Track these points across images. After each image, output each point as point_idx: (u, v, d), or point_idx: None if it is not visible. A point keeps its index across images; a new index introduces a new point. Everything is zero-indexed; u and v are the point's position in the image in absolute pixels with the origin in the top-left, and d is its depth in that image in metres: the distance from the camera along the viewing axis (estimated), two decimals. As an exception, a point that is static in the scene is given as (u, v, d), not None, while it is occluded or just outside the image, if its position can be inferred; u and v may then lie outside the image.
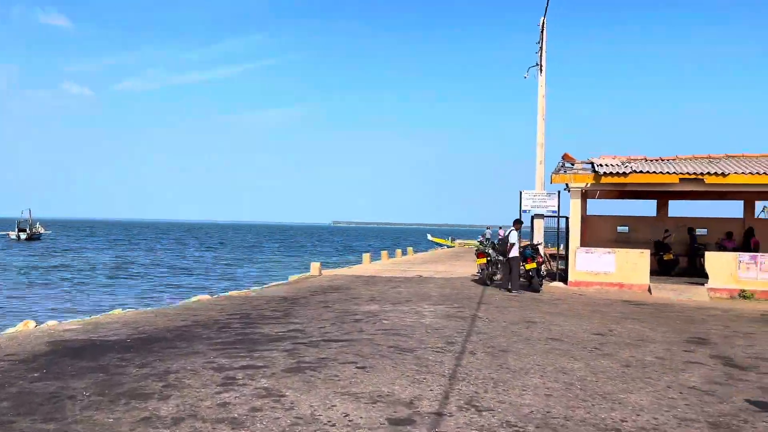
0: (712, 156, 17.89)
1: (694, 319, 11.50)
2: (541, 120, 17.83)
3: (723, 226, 20.20)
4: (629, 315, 11.73)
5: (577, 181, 16.80)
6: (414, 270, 20.93)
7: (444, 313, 11.08)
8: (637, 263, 16.34)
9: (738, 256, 15.59)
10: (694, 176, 15.60)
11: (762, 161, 16.78)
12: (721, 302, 14.60)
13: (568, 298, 14.22)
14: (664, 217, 21.06)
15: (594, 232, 21.29)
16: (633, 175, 16.01)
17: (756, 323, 11.30)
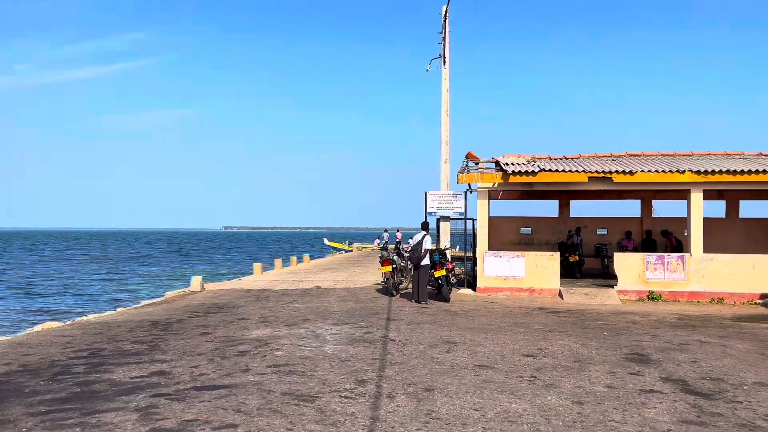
0: (615, 154, 17.58)
1: (618, 328, 10.60)
2: (445, 116, 16.69)
3: (622, 226, 20.13)
4: (552, 327, 10.62)
5: (485, 180, 15.75)
6: (311, 280, 19.04)
7: (349, 336, 9.34)
8: (547, 267, 15.54)
9: (645, 256, 15.21)
10: (603, 175, 15.02)
11: (664, 160, 16.61)
12: (633, 305, 14.05)
13: (481, 308, 13.01)
14: (566, 218, 20.71)
15: (498, 234, 20.51)
16: (542, 174, 15.18)
17: (679, 329, 10.58)
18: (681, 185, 14.98)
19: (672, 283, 14.94)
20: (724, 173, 14.46)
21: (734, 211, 19.56)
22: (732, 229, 18.79)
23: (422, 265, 13.44)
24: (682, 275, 14.90)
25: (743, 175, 14.35)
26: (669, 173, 14.74)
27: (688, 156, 17.08)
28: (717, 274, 14.70)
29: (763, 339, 9.72)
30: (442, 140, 16.79)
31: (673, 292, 14.88)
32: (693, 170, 14.63)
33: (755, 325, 11.23)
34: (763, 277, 14.49)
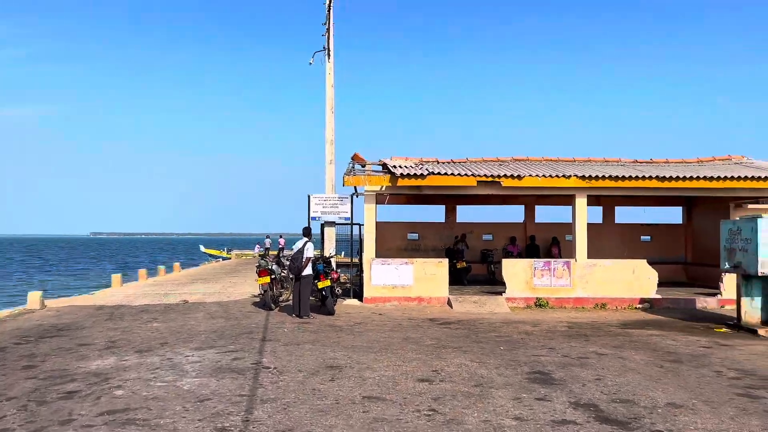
0: (501, 159, 17.34)
1: (513, 341, 9.94)
2: (330, 113, 15.52)
3: (507, 231, 20.04)
4: (445, 342, 9.74)
5: (372, 183, 14.74)
6: (179, 293, 17.00)
7: (214, 365, 7.82)
8: (436, 274, 14.81)
9: (533, 262, 14.94)
10: (492, 179, 14.57)
11: (549, 165, 16.55)
12: (522, 313, 13.64)
13: (368, 321, 11.92)
14: (452, 223, 20.28)
15: (385, 240, 19.64)
16: (431, 177, 14.44)
17: (573, 340, 10.12)
18: (566, 190, 14.89)
19: (558, 289, 14.78)
20: (607, 179, 14.52)
21: (610, 217, 20.15)
22: (608, 235, 19.30)
23: (304, 275, 12.11)
24: (568, 281, 14.79)
25: (625, 180, 14.49)
26: (556, 178, 14.58)
27: (570, 162, 17.18)
28: (600, 280, 14.73)
29: (655, 348, 9.45)
30: (326, 140, 15.60)
31: (559, 298, 14.71)
32: (578, 175, 14.57)
33: (642, 333, 11.08)
34: (642, 282, 14.71)
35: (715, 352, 9.16)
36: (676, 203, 19.95)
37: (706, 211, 19.06)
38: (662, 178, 14.41)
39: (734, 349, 9.53)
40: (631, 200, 19.92)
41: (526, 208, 20.28)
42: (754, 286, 11.74)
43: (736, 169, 15.35)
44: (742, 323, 11.70)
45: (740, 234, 11.71)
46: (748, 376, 7.51)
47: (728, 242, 12.12)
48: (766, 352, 9.26)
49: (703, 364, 8.27)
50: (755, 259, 11.17)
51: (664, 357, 8.74)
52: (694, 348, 9.52)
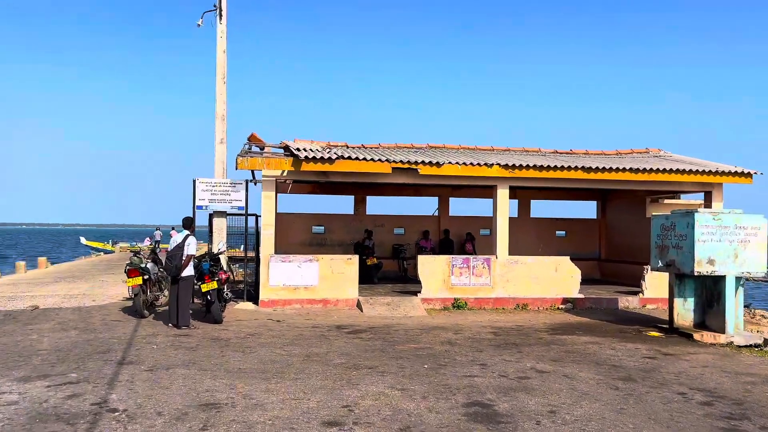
0: (416, 146, 15.82)
1: (437, 354, 8.35)
2: (221, 83, 13.23)
3: (420, 225, 18.60)
4: (357, 359, 7.96)
5: (272, 167, 12.68)
6: (33, 295, 14.03)
7: (34, 408, 5.56)
8: (344, 273, 13.01)
9: (451, 260, 13.51)
10: (408, 165, 12.96)
11: (467, 153, 15.21)
12: (440, 316, 12.16)
13: (264, 331, 9.91)
14: (362, 215, 18.56)
15: (286, 233, 17.59)
16: (340, 161, 12.61)
17: (504, 351, 8.69)
18: (488, 180, 13.57)
19: (478, 289, 13.45)
20: (531, 168, 13.35)
21: (526, 211, 19.26)
22: (524, 229, 18.35)
23: (184, 276, 9.88)
24: (488, 280, 13.50)
25: (549, 171, 13.38)
26: (477, 167, 13.20)
27: (489, 150, 15.96)
28: (522, 279, 13.56)
29: (598, 362, 8.19)
30: (217, 115, 13.29)
31: (478, 299, 13.39)
32: (501, 164, 13.28)
33: (575, 340, 9.89)
34: (565, 280, 13.70)
35: (663, 365, 8.02)
36: (591, 197, 19.38)
37: (621, 206, 18.59)
38: (588, 168, 13.43)
39: (680, 359, 8.47)
40: (548, 194, 19.14)
41: (441, 200, 18.94)
42: (687, 287, 10.91)
43: (657, 161, 14.73)
44: (675, 326, 10.84)
45: (674, 230, 10.82)
46: (718, 400, 6.32)
47: (660, 238, 11.23)
48: (716, 363, 8.26)
49: (660, 382, 7.05)
50: (691, 257, 10.29)
51: (612, 373, 7.46)
52: (638, 360, 8.36)
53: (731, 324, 10.26)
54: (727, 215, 10.39)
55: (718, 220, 10.31)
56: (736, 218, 10.37)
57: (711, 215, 10.36)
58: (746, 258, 10.33)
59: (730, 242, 10.30)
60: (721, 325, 10.34)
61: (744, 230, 10.36)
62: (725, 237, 10.30)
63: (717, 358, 8.61)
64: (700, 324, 10.83)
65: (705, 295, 10.85)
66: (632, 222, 17.75)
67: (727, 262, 10.28)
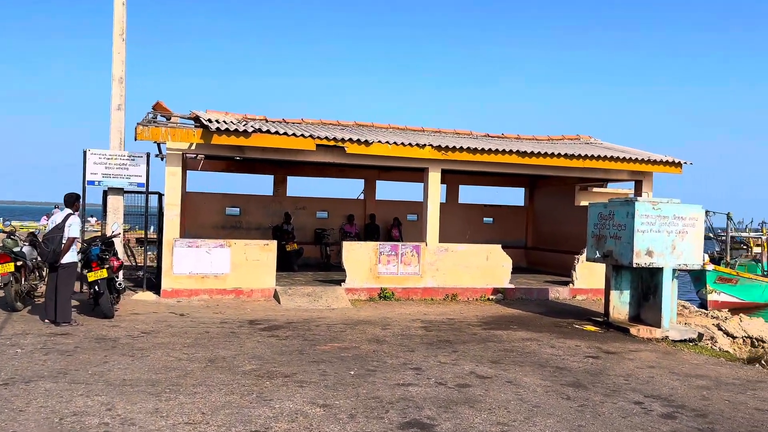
0: (342, 123, 14.64)
1: (364, 356, 7.33)
2: (119, 40, 11.45)
3: (344, 209, 17.49)
4: (271, 364, 6.80)
5: (178, 139, 11.15)
6: None
7: None
8: (260, 260, 11.73)
9: (378, 247, 12.52)
10: (334, 143, 11.79)
11: (396, 133, 14.22)
12: (366, 308, 11.16)
13: (162, 329, 8.52)
14: (282, 197, 17.21)
15: (197, 215, 16.00)
16: (258, 136, 11.26)
17: (438, 350, 7.80)
18: (419, 162, 12.64)
19: (406, 278, 12.55)
20: (465, 151, 12.53)
21: (454, 196, 18.57)
22: (452, 215, 17.64)
23: (64, 263, 8.30)
24: (417, 269, 12.62)
25: (484, 154, 12.61)
26: (409, 147, 12.23)
27: (420, 131, 15.03)
28: (452, 267, 12.78)
29: (540, 363, 7.45)
30: (114, 76, 11.52)
31: (407, 288, 12.50)
32: (434, 146, 12.38)
33: (511, 336, 9.16)
34: (496, 269, 13.05)
35: (609, 366, 7.39)
36: (519, 184, 18.96)
37: (549, 194, 18.26)
38: (523, 153, 12.77)
39: (624, 359, 7.89)
40: (476, 179, 18.53)
41: (367, 182, 17.88)
42: (623, 279, 10.45)
43: (590, 148, 14.32)
44: (610, 320, 10.36)
45: (612, 219, 10.30)
46: (679, 411, 5.66)
47: (597, 228, 10.70)
48: (661, 363, 7.72)
49: (611, 389, 6.35)
50: (630, 248, 9.78)
51: (558, 377, 6.71)
52: (581, 360, 7.70)
53: (667, 318, 9.88)
54: (666, 205, 9.96)
55: (657, 209, 9.86)
56: (675, 208, 9.96)
57: (651, 204, 9.90)
58: (684, 249, 9.96)
59: (668, 233, 9.89)
60: (656, 319, 9.94)
61: (682, 221, 9.97)
62: (664, 227, 9.87)
63: (660, 357, 8.11)
64: (635, 317, 10.41)
65: (641, 288, 10.43)
66: (560, 210, 17.44)
67: (665, 253, 9.87)
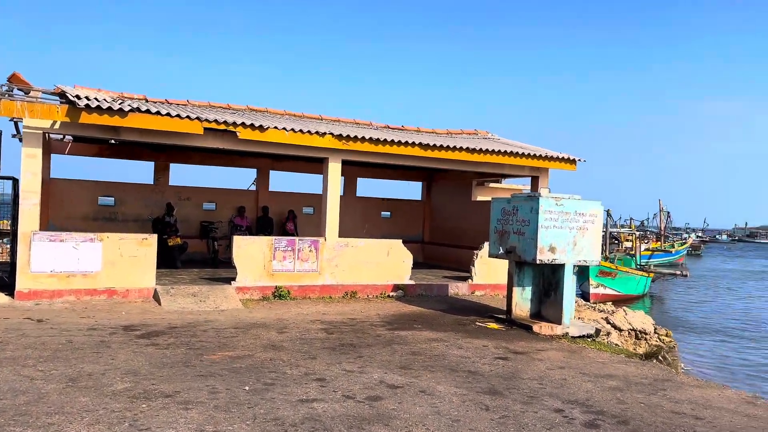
0: (234, 107, 13.51)
1: (260, 367, 6.50)
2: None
3: (235, 200, 16.29)
4: (150, 381, 5.78)
5: (37, 116, 9.57)
6: None
7: None
8: (138, 256, 10.42)
9: (273, 242, 11.60)
10: (224, 127, 10.71)
11: (293, 119, 13.33)
12: (259, 308, 10.25)
13: (13, 339, 7.14)
14: (164, 186, 15.69)
15: (64, 204, 14.18)
16: (136, 116, 9.94)
17: (343, 356, 7.13)
18: (318, 151, 11.85)
19: (303, 275, 11.74)
20: (366, 141, 11.91)
21: (352, 189, 17.94)
22: (350, 209, 17.01)
23: None
24: (315, 265, 11.85)
25: (386, 145, 12.07)
26: (308, 135, 11.41)
27: (318, 119, 14.24)
28: (352, 264, 12.15)
29: (451, 366, 7.00)
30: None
31: (303, 286, 11.70)
32: (334, 134, 11.65)
33: (416, 336, 8.69)
34: (397, 265, 12.59)
35: (520, 368, 7.09)
36: (417, 178, 18.70)
37: (446, 188, 18.16)
38: (425, 145, 12.38)
39: (533, 359, 7.65)
40: (374, 171, 18.03)
41: (260, 172, 16.79)
42: (526, 275, 10.34)
43: (489, 143, 14.27)
44: (513, 317, 10.21)
45: (516, 214, 10.13)
46: (601, 418, 5.39)
47: (500, 223, 10.51)
48: (569, 363, 7.55)
49: (528, 395, 6.00)
50: (533, 245, 9.65)
51: (472, 384, 6.27)
52: (491, 362, 7.35)
53: (568, 315, 9.87)
54: (568, 200, 9.93)
55: (560, 205, 9.79)
56: (577, 204, 9.96)
57: (554, 200, 9.82)
58: (584, 246, 9.99)
59: (570, 229, 9.86)
60: (557, 316, 9.91)
61: (583, 217, 9.99)
62: (566, 224, 9.83)
63: (567, 356, 7.96)
64: (536, 314, 10.34)
65: (542, 285, 10.38)
66: (458, 205, 17.38)
67: (567, 249, 9.83)
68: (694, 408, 5.77)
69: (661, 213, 46.18)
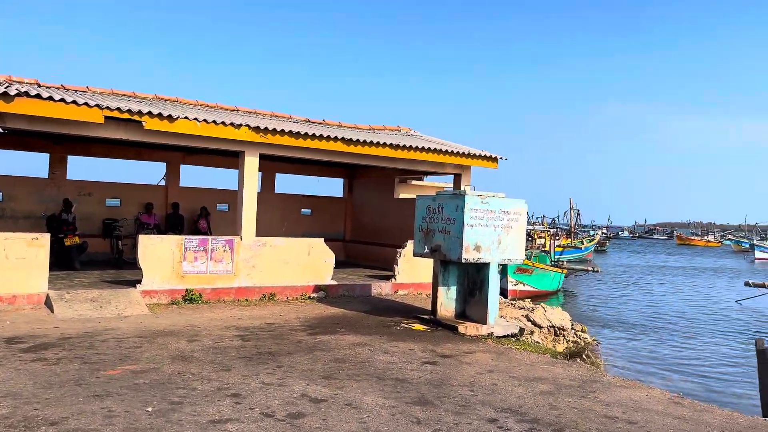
0: (140, 95, 12.49)
1: (168, 381, 5.81)
2: None
3: (141, 196, 15.14)
4: (32, 405, 4.97)
5: None
6: None
7: None
8: (27, 258, 9.30)
9: (184, 241, 10.75)
10: (129, 116, 9.77)
11: (207, 110, 12.49)
12: (168, 314, 9.42)
13: None
14: (61, 180, 14.31)
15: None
16: (24, 100, 8.85)
17: (260, 366, 6.55)
18: (234, 144, 11.11)
19: (217, 277, 10.97)
20: (286, 134, 11.29)
21: (270, 185, 17.17)
22: (268, 206, 16.25)
23: None
24: (230, 266, 11.11)
25: (308, 139, 11.50)
26: (222, 126, 10.65)
27: (233, 110, 13.45)
28: (270, 264, 11.50)
29: (377, 374, 6.59)
30: None
31: (217, 289, 10.94)
32: (252, 126, 10.95)
33: (339, 341, 8.23)
34: (318, 265, 12.05)
35: (449, 374, 6.79)
36: (338, 174, 18.20)
37: (369, 185, 17.78)
38: (349, 140, 11.92)
39: (461, 362, 7.38)
40: (294, 167, 17.37)
41: (170, 166, 15.70)
42: (451, 274, 10.12)
43: (412, 139, 14.01)
44: (438, 317, 9.96)
45: (441, 212, 9.88)
46: (536, 427, 5.14)
47: (425, 221, 10.23)
48: (498, 366, 7.33)
49: (460, 404, 5.69)
50: (459, 243, 9.43)
51: (401, 393, 5.89)
52: (419, 367, 7.01)
53: (493, 314, 9.74)
54: (493, 199, 9.79)
55: (486, 203, 9.63)
56: (501, 202, 9.83)
57: (480, 198, 9.64)
58: (509, 244, 9.89)
59: (495, 227, 9.72)
60: (482, 316, 9.75)
61: (507, 215, 9.88)
62: (491, 222, 9.68)
63: (494, 358, 7.76)
64: (461, 314, 10.15)
65: (467, 284, 10.20)
66: (380, 202, 17.04)
67: (492, 248, 9.69)
68: (626, 411, 5.66)
69: (572, 211, 48.09)
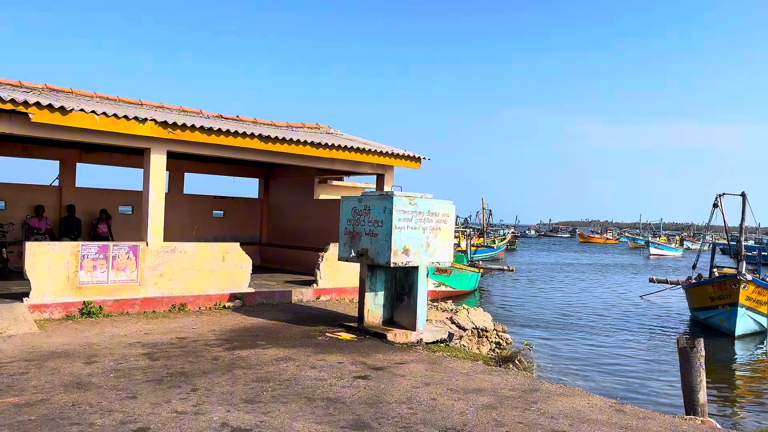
0: (26, 84, 11.12)
1: (57, 417, 4.94)
2: None
3: (31, 197, 13.59)
4: None
5: None
6: None
7: None
8: None
9: (80, 248, 9.59)
10: (13, 107, 8.55)
11: (106, 103, 11.30)
12: (62, 330, 8.31)
13: None
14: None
15: None
16: None
17: (171, 391, 5.76)
18: (138, 140, 10.07)
19: (120, 287, 9.90)
20: (197, 130, 10.39)
21: (179, 185, 15.98)
22: (177, 208, 15.11)
23: None
24: (134, 275, 10.06)
25: (221, 135, 10.65)
26: (125, 120, 9.60)
27: (137, 104, 12.29)
28: (180, 272, 10.54)
29: (306, 395, 5.97)
30: None
31: (120, 301, 9.86)
32: (158, 121, 9.97)
33: (261, 356, 7.54)
34: (233, 272, 11.20)
35: (383, 389, 6.29)
36: (253, 174, 17.28)
37: (286, 186, 17.01)
38: (266, 138, 11.17)
39: (395, 375, 6.91)
40: (205, 166, 16.30)
41: (64, 164, 14.20)
42: (378, 279, 9.64)
43: (332, 138, 13.40)
44: (365, 324, 9.44)
45: (368, 214, 9.38)
46: (485, 447, 4.74)
47: (351, 224, 9.69)
48: (435, 378, 6.91)
49: (400, 425, 5.19)
50: (387, 246, 8.96)
51: (335, 416, 5.31)
52: (351, 383, 6.46)
53: (422, 320, 9.36)
54: (421, 200, 9.40)
55: (414, 204, 9.23)
56: (430, 203, 9.47)
57: (408, 199, 9.22)
58: (437, 246, 9.54)
59: (423, 230, 9.34)
60: (411, 321, 9.35)
61: (436, 216, 9.53)
62: (420, 224, 9.30)
63: (428, 369, 7.35)
64: (389, 320, 9.70)
65: (395, 289, 9.76)
66: (299, 203, 16.32)
67: (420, 251, 9.30)
68: (572, 423, 5.40)
69: (484, 211, 49.26)
